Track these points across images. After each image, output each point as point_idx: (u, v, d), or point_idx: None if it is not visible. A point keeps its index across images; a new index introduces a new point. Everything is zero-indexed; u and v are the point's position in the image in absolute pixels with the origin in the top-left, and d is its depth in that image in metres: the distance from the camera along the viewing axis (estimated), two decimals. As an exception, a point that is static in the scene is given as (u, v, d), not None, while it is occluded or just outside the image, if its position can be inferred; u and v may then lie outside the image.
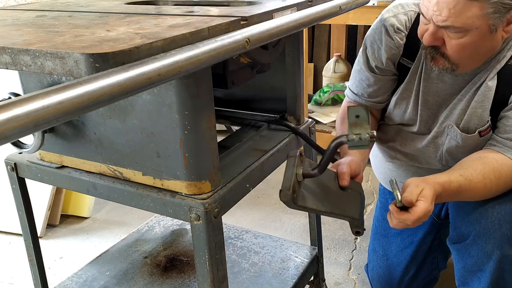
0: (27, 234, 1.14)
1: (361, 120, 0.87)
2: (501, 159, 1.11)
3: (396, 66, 1.26)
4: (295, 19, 0.89)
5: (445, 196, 1.06)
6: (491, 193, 1.11)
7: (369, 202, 2.23)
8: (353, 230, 1.03)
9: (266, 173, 1.07)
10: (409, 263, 1.45)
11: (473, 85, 1.16)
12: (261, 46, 0.88)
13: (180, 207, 0.88)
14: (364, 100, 1.33)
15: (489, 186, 1.08)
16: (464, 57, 1.07)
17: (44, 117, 0.46)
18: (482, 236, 1.09)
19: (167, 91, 0.81)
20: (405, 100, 1.28)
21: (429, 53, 1.11)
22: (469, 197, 1.12)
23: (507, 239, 1.06)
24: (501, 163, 1.10)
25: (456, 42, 1.04)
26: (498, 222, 1.08)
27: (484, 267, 1.10)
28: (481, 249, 1.09)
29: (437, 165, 1.28)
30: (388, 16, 1.22)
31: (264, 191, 2.39)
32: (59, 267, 1.88)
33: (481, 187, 1.07)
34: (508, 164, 1.10)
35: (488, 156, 1.12)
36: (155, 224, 1.60)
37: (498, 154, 1.12)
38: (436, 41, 1.06)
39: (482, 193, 1.10)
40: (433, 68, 1.13)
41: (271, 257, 1.40)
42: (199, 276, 0.89)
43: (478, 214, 1.11)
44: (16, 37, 0.70)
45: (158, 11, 0.96)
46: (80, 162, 0.99)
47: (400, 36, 1.21)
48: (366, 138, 0.87)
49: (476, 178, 1.07)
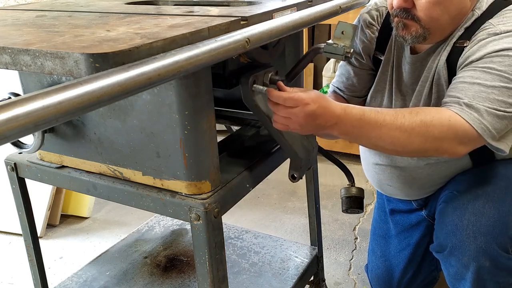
0: (27, 234, 1.14)
1: (345, 36, 0.92)
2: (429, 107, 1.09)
3: (371, 60, 1.32)
4: (295, 19, 0.89)
5: (347, 122, 0.95)
6: (403, 130, 0.96)
7: (369, 202, 2.24)
8: (290, 173, 1.02)
9: (266, 173, 1.07)
10: (407, 264, 1.45)
11: (429, 70, 1.17)
12: (261, 46, 0.88)
13: (180, 207, 0.88)
14: (342, 93, 1.38)
15: (401, 121, 0.96)
16: (434, 17, 1.08)
17: (44, 117, 0.46)
18: (458, 248, 1.08)
19: (167, 91, 0.81)
20: (379, 92, 1.31)
21: (401, 20, 1.11)
22: (376, 131, 0.96)
23: (482, 251, 1.05)
24: (424, 107, 1.08)
25: (426, 0, 1.06)
26: (473, 235, 1.06)
27: (465, 277, 1.10)
28: (458, 260, 1.09)
29: (413, 159, 1.27)
30: (363, 13, 1.31)
31: (264, 191, 2.39)
32: (59, 267, 1.88)
33: (389, 120, 0.96)
34: (434, 108, 1.04)
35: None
36: (155, 224, 1.60)
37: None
38: (406, 2, 1.08)
39: (391, 126, 0.96)
40: (406, 37, 1.12)
41: (271, 257, 1.40)
42: (199, 276, 0.89)
43: (454, 226, 1.10)
44: (16, 37, 0.70)
45: (158, 11, 0.96)
46: (80, 162, 0.99)
47: (372, 30, 1.29)
48: (341, 47, 0.92)
49: (386, 111, 0.99)
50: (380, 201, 1.58)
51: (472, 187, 1.16)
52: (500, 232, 1.06)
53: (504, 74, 0.99)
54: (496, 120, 0.98)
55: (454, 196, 1.17)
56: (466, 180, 1.21)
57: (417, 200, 1.41)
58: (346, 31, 0.92)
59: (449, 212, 1.14)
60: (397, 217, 1.50)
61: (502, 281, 1.10)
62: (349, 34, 0.92)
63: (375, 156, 1.36)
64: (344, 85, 1.38)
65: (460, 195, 1.16)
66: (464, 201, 1.13)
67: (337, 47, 0.93)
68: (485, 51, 1.03)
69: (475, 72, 1.02)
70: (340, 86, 1.39)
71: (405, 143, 0.98)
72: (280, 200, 2.33)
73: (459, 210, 1.12)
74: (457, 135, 0.98)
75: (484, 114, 0.98)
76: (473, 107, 0.98)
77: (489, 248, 1.05)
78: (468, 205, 1.12)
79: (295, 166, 1.02)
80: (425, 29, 1.10)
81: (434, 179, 1.29)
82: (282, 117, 0.93)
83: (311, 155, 1.08)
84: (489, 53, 1.02)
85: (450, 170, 1.26)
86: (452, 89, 1.05)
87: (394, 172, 1.33)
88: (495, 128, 0.99)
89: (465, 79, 1.03)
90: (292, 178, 1.02)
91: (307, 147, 1.06)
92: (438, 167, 1.25)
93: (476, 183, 1.17)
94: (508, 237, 1.07)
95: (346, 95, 1.38)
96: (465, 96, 1.00)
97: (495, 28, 1.05)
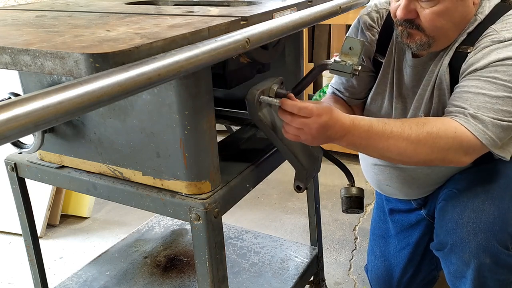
0: (27, 234, 1.14)
1: (353, 52, 0.91)
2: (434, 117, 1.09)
3: (372, 62, 1.31)
4: (295, 19, 0.89)
5: (355, 133, 0.96)
6: (410, 142, 0.98)
7: (369, 202, 2.23)
8: (295, 183, 1.01)
9: (266, 173, 1.07)
10: (406, 264, 1.45)
11: (431, 74, 1.17)
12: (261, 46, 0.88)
13: (180, 207, 0.88)
14: (342, 94, 1.38)
15: (408, 133, 0.98)
16: (438, 27, 1.08)
17: (44, 117, 0.46)
18: (459, 246, 1.09)
19: (167, 91, 0.81)
20: (380, 95, 1.30)
21: (405, 29, 1.12)
22: (384, 142, 0.98)
23: (482, 248, 1.06)
24: (430, 117, 1.09)
25: (430, 11, 1.06)
26: (473, 231, 1.07)
27: (465, 274, 1.10)
28: (459, 258, 1.09)
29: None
30: (363, 14, 1.30)
31: (264, 191, 2.39)
32: (59, 267, 1.88)
33: (396, 131, 0.98)
34: (440, 118, 1.05)
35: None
36: (155, 224, 1.60)
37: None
38: (410, 13, 1.08)
39: (398, 138, 0.97)
40: (411, 45, 1.13)
41: (271, 257, 1.40)
42: (199, 276, 0.89)
43: (454, 224, 1.11)
44: (16, 37, 0.70)
45: (158, 11, 0.96)
46: (80, 162, 0.99)
47: (372, 33, 1.28)
48: (349, 65, 0.90)
49: (393, 122, 1.00)
50: (379, 201, 1.58)
51: (471, 185, 1.17)
52: (500, 229, 1.07)
53: (509, 84, 1.00)
54: (500, 130, 1.01)
55: (454, 194, 1.18)
56: (465, 178, 1.21)
57: (416, 200, 1.41)
58: (354, 47, 0.90)
59: (449, 210, 1.15)
60: (396, 217, 1.50)
61: (503, 279, 1.10)
62: (357, 51, 0.90)
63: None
64: (343, 86, 1.37)
65: (460, 193, 1.16)
66: (464, 199, 1.14)
67: (345, 65, 0.91)
68: (489, 59, 1.03)
69: (480, 82, 1.03)
70: (340, 88, 1.38)
71: (412, 154, 1.00)
72: (280, 200, 2.33)
73: (459, 207, 1.13)
74: (462, 145, 1.00)
75: (489, 125, 1.00)
76: (478, 119, 1.00)
77: (489, 245, 1.06)
78: (468, 203, 1.12)
79: (300, 177, 1.01)
80: (429, 38, 1.10)
81: (433, 179, 1.30)
82: (294, 127, 0.93)
83: (316, 164, 1.07)
84: (493, 61, 1.02)
85: (449, 170, 1.26)
86: (456, 98, 1.05)
87: (393, 173, 1.33)
88: (498, 138, 1.01)
89: (470, 89, 1.03)
90: (297, 189, 1.01)
91: (313, 156, 1.05)
92: (436, 167, 1.25)
93: (476, 181, 1.17)
94: (508, 234, 1.08)
95: (345, 97, 1.37)
96: (470, 107, 1.01)
97: (499, 35, 1.05)
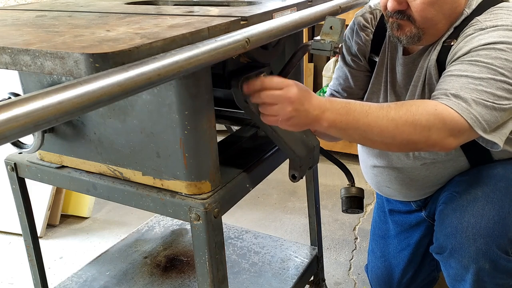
0: (27, 234, 1.14)
1: (334, 31, 0.91)
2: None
3: (367, 62, 1.33)
4: (295, 19, 0.89)
5: (333, 109, 0.93)
6: (390, 119, 0.94)
7: (369, 202, 2.24)
8: (290, 172, 1.01)
9: (266, 173, 1.07)
10: (407, 264, 1.45)
11: (421, 69, 1.17)
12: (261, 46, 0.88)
13: (180, 207, 0.88)
14: (340, 95, 1.39)
15: (386, 110, 0.95)
16: (429, 18, 1.08)
17: (44, 117, 0.46)
18: (458, 250, 1.08)
19: (167, 91, 0.81)
20: (375, 94, 1.31)
21: (395, 21, 1.12)
22: (363, 118, 0.94)
23: (482, 253, 1.05)
24: (410, 100, 1.10)
25: (420, 1, 1.06)
26: (473, 236, 1.06)
27: (464, 278, 1.10)
28: (458, 262, 1.09)
29: (409, 159, 1.28)
30: (357, 16, 1.32)
31: (264, 191, 2.39)
32: (59, 267, 1.88)
33: (375, 109, 0.95)
34: (420, 100, 1.04)
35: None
36: (155, 224, 1.60)
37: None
38: (400, 5, 1.09)
39: (378, 114, 0.94)
40: (401, 38, 1.13)
41: (271, 257, 1.40)
42: (199, 276, 0.89)
43: (454, 228, 1.10)
44: (16, 37, 0.70)
45: (158, 11, 0.96)
46: (80, 162, 0.99)
47: (366, 33, 1.30)
48: (328, 43, 0.91)
49: (370, 103, 0.98)
50: (380, 201, 1.58)
51: (471, 188, 1.16)
52: (500, 234, 1.06)
53: (491, 66, 0.99)
54: (486, 111, 0.96)
55: (454, 197, 1.17)
56: (465, 181, 1.21)
57: (416, 202, 1.41)
58: (335, 26, 0.91)
59: (448, 213, 1.14)
60: (396, 217, 1.50)
61: (502, 283, 1.10)
62: (338, 29, 0.90)
63: (373, 158, 1.36)
64: (341, 87, 1.38)
65: (460, 196, 1.16)
66: (464, 203, 1.13)
67: (324, 43, 0.91)
68: (472, 45, 1.03)
69: (462, 65, 1.02)
70: (338, 89, 1.39)
71: (394, 132, 0.95)
72: (280, 200, 2.33)
73: (458, 211, 1.12)
74: (445, 124, 0.95)
75: (472, 104, 0.96)
76: (460, 97, 0.97)
77: (488, 250, 1.05)
78: (468, 207, 1.11)
79: (294, 165, 1.01)
80: (419, 29, 1.10)
81: (432, 180, 1.29)
82: (269, 107, 0.89)
83: (312, 154, 1.07)
84: (475, 47, 1.02)
85: (447, 171, 1.26)
86: (440, 83, 1.05)
87: (392, 174, 1.33)
88: (485, 120, 0.96)
89: (453, 72, 1.03)
90: (292, 178, 1.01)
91: (307, 145, 1.05)
92: (435, 168, 1.25)
93: (476, 184, 1.17)
94: (507, 239, 1.07)
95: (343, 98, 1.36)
96: (452, 88, 0.99)
97: (482, 24, 1.05)
